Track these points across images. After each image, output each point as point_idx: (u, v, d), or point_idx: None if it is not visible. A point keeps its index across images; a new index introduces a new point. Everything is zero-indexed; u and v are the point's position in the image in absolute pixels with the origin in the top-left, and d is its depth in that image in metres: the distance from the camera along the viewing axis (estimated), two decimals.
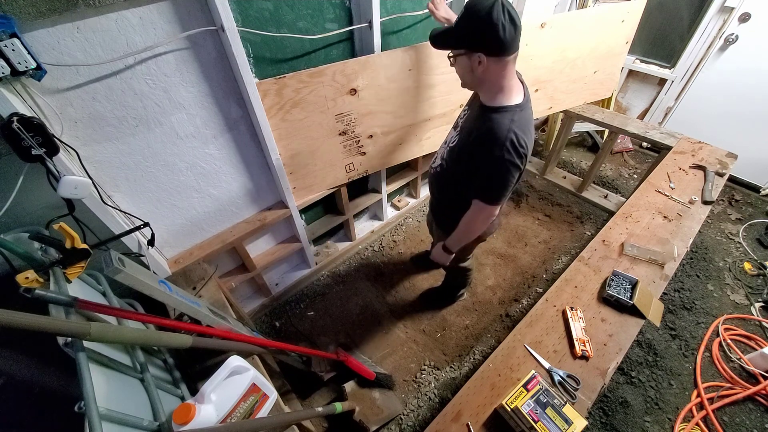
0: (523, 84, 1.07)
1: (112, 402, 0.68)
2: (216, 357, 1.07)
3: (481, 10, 0.87)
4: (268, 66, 1.35)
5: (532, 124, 1.06)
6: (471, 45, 0.94)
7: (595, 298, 1.31)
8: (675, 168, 1.85)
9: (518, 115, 1.00)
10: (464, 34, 0.94)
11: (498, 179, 1.02)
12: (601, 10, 2.02)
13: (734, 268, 2.18)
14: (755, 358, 1.72)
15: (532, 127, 1.05)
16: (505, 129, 0.97)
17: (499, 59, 0.93)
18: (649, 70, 2.85)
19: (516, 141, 0.97)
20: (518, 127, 0.98)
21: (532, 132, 1.05)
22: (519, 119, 1.00)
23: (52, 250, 0.84)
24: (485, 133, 1.01)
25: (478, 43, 0.92)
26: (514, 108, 1.01)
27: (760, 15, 2.28)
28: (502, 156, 0.97)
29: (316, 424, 1.58)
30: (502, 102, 1.01)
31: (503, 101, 1.01)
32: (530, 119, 1.05)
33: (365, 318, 1.99)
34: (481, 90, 1.05)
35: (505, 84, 1.00)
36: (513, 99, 1.02)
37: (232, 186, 1.52)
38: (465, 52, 0.96)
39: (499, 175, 1.01)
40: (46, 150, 0.90)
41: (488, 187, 1.05)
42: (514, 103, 1.01)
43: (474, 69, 0.97)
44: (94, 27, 0.94)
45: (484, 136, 1.01)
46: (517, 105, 1.01)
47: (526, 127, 1.01)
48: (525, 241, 2.39)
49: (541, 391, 1.02)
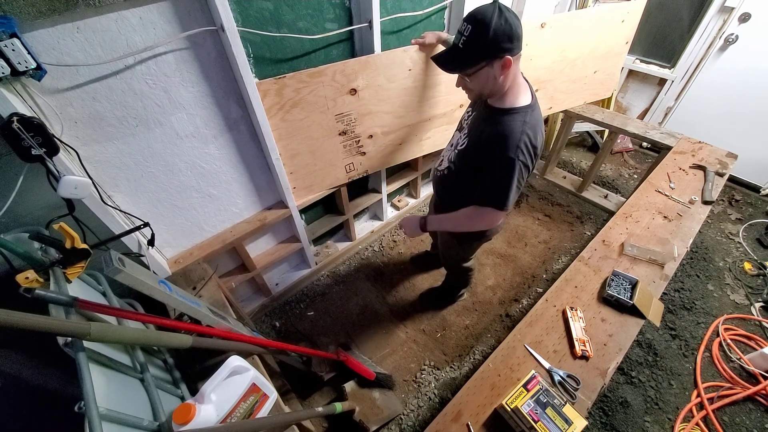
0: (528, 84, 1.07)
1: (112, 402, 0.68)
2: (216, 357, 1.07)
3: (490, 17, 0.87)
4: (268, 66, 1.35)
5: (542, 124, 1.05)
6: (494, 53, 0.92)
7: (595, 298, 1.31)
8: (675, 168, 1.85)
9: (530, 116, 1.00)
10: (484, 47, 0.91)
11: (508, 182, 1.01)
12: (601, 10, 2.02)
13: (734, 268, 2.18)
14: (755, 358, 1.72)
15: (542, 127, 1.05)
16: (518, 131, 0.97)
17: (518, 57, 0.95)
18: (649, 70, 2.85)
19: (529, 142, 0.97)
20: (530, 128, 0.98)
21: (542, 132, 1.05)
22: (530, 120, 1.00)
23: (52, 250, 0.84)
24: (497, 136, 1.00)
25: (502, 48, 0.91)
26: (525, 109, 1.01)
27: (760, 15, 2.28)
28: (515, 158, 0.97)
29: (316, 424, 1.58)
30: (513, 103, 1.01)
31: (514, 102, 1.01)
32: (540, 119, 1.05)
33: (365, 318, 1.99)
34: (496, 95, 1.04)
35: (519, 83, 1.01)
36: (523, 99, 1.02)
37: (232, 186, 1.52)
38: (487, 63, 0.94)
39: (510, 177, 1.00)
40: (46, 150, 0.90)
41: (498, 190, 1.03)
42: (524, 104, 1.01)
43: (497, 76, 0.96)
44: (94, 27, 0.94)
45: (496, 139, 1.00)
46: (528, 105, 1.01)
47: (538, 127, 1.02)
48: (525, 241, 2.39)
49: (541, 391, 1.02)
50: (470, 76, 1.00)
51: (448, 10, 1.81)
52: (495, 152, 1.01)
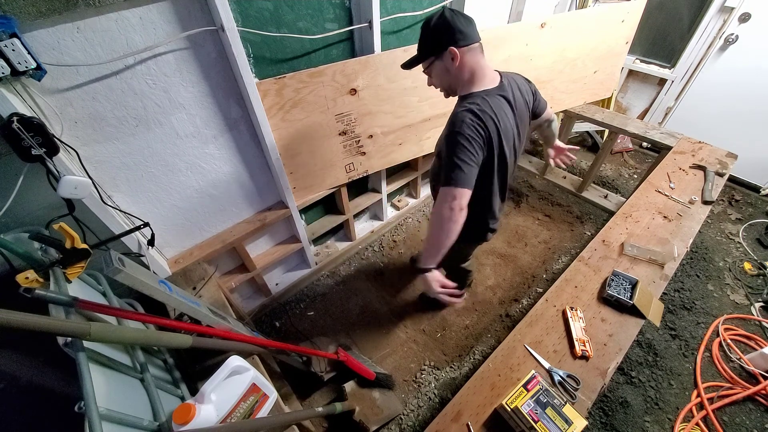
0: (501, 74, 1.08)
1: (112, 402, 0.68)
2: (216, 357, 1.07)
3: (431, 18, 0.99)
4: (268, 66, 1.35)
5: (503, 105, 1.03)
6: (439, 47, 0.99)
7: (595, 298, 1.31)
8: (675, 168, 1.85)
9: (481, 99, 0.99)
10: (429, 44, 1.02)
11: (450, 155, 0.96)
12: (601, 10, 2.02)
13: (734, 268, 2.18)
14: (755, 358, 1.72)
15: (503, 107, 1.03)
16: (464, 110, 0.97)
17: (469, 48, 0.99)
18: (649, 70, 2.85)
19: (472, 115, 0.96)
20: (477, 105, 0.97)
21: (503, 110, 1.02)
22: (482, 102, 0.98)
23: (52, 250, 0.84)
24: (450, 118, 1.03)
25: (444, 42, 0.98)
26: (479, 93, 1.02)
27: (760, 15, 2.28)
28: (456, 132, 0.96)
29: (316, 424, 1.58)
30: (471, 89, 1.04)
31: (472, 89, 1.04)
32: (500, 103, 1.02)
33: (365, 318, 1.99)
34: (458, 86, 1.07)
35: (477, 72, 1.02)
36: (479, 86, 1.03)
37: (232, 186, 1.52)
38: (436, 57, 1.02)
39: (451, 151, 0.96)
40: (46, 150, 0.90)
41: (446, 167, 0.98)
42: (479, 89, 1.03)
43: (449, 67, 1.01)
44: (94, 27, 0.94)
45: (449, 121, 1.03)
46: (483, 90, 1.02)
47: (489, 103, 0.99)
48: (525, 241, 2.39)
49: (541, 391, 1.02)
50: (428, 72, 1.09)
51: None
52: (444, 132, 1.04)
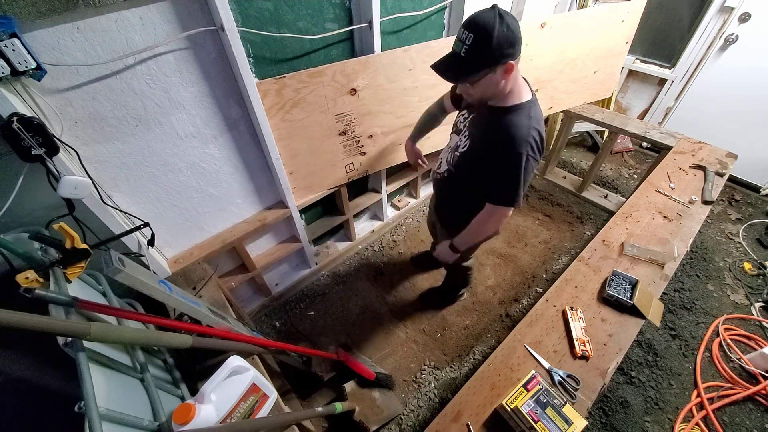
0: (527, 83, 1.08)
1: (112, 402, 0.68)
2: (216, 357, 1.07)
3: (492, 24, 0.85)
4: (268, 66, 1.35)
5: (543, 119, 1.07)
6: (498, 60, 0.90)
7: (595, 298, 1.31)
8: (675, 168, 1.85)
9: (533, 111, 1.02)
10: (488, 55, 0.89)
11: (518, 178, 1.02)
12: (601, 10, 2.02)
13: (734, 268, 2.18)
14: (755, 358, 1.72)
15: (543, 121, 1.07)
16: (525, 126, 0.99)
17: (518, 60, 0.94)
18: (649, 70, 2.85)
19: (537, 135, 0.99)
20: (537, 122, 1.01)
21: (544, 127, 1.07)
22: (535, 114, 1.02)
23: (52, 250, 0.84)
24: (505, 134, 1.01)
25: (505, 54, 0.89)
26: (528, 104, 1.02)
27: (760, 15, 2.28)
28: (523, 153, 0.98)
29: (316, 424, 1.58)
30: (516, 101, 1.02)
31: (516, 100, 1.02)
32: (541, 114, 1.07)
33: (365, 318, 1.99)
34: (498, 97, 1.03)
35: (519, 83, 1.02)
36: (524, 96, 1.03)
37: (232, 186, 1.52)
38: (490, 70, 0.92)
39: (520, 173, 1.01)
40: (46, 150, 0.90)
41: (511, 188, 1.04)
42: (526, 100, 1.03)
43: (500, 80, 0.95)
44: (94, 27, 0.94)
45: (504, 137, 1.01)
46: (530, 101, 1.03)
47: (541, 122, 1.03)
48: (525, 241, 2.39)
49: (541, 391, 1.02)
50: (473, 83, 0.98)
51: (448, 11, 1.81)
52: (504, 151, 1.02)
